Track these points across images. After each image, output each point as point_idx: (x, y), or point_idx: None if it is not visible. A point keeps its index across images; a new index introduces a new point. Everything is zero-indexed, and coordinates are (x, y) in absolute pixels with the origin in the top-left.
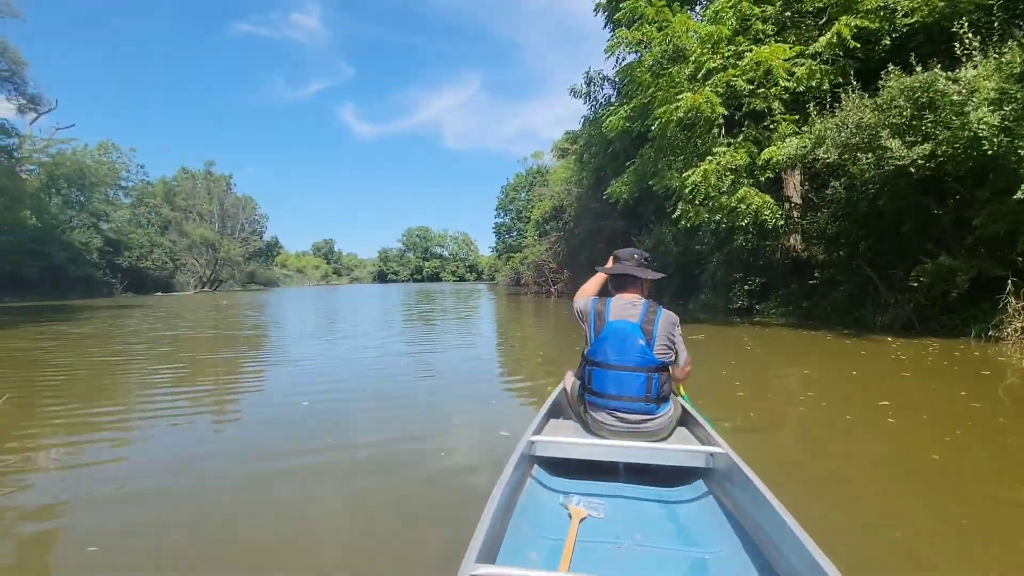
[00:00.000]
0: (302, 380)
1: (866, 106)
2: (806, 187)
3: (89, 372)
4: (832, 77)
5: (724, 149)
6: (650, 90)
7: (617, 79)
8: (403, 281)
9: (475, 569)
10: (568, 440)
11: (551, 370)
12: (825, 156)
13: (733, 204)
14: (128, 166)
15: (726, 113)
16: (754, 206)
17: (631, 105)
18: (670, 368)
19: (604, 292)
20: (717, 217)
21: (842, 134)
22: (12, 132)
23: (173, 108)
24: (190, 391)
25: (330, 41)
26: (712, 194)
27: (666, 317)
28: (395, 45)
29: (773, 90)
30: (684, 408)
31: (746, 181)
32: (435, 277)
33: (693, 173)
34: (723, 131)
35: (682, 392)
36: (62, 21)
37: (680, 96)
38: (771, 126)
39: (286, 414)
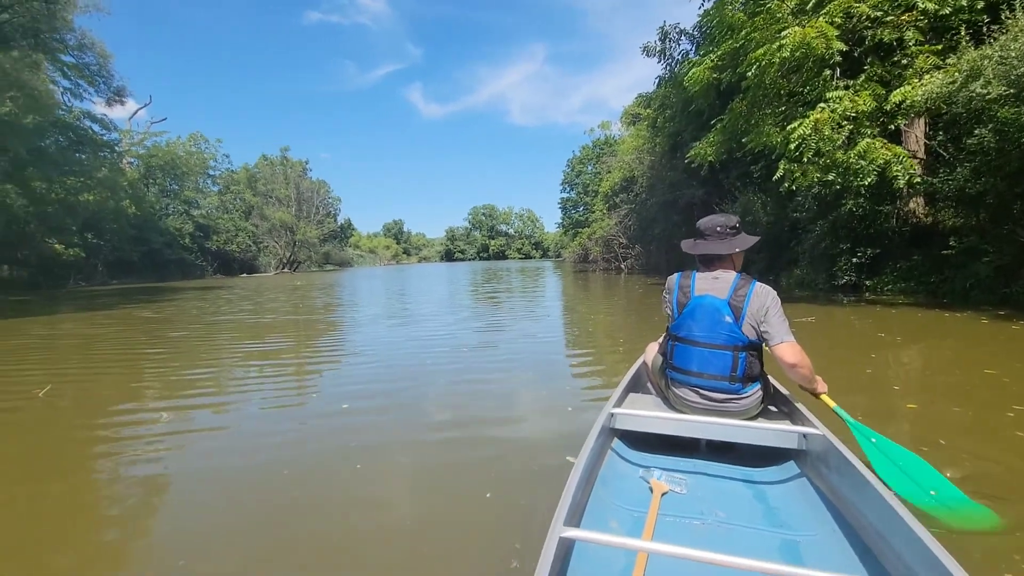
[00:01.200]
0: (375, 359)
1: None
2: (937, 139)
3: (187, 350)
4: None
5: (841, 93)
6: (743, 32)
7: (699, 28)
8: (470, 259)
9: (564, 531)
10: (649, 414)
11: (623, 349)
12: (984, 92)
13: (852, 160)
14: (215, 155)
15: (843, 49)
16: (880, 161)
17: (719, 52)
18: (776, 357)
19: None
20: (831, 176)
21: (1008, 63)
22: (113, 127)
23: (253, 98)
24: (274, 365)
25: (397, 24)
26: (826, 149)
27: (759, 292)
28: (460, 22)
29: (906, 16)
30: (775, 387)
31: (869, 131)
32: (501, 255)
33: (800, 125)
34: (837, 73)
35: (831, 404)
36: (152, 20)
37: (784, 33)
38: (904, 61)
39: (361, 391)
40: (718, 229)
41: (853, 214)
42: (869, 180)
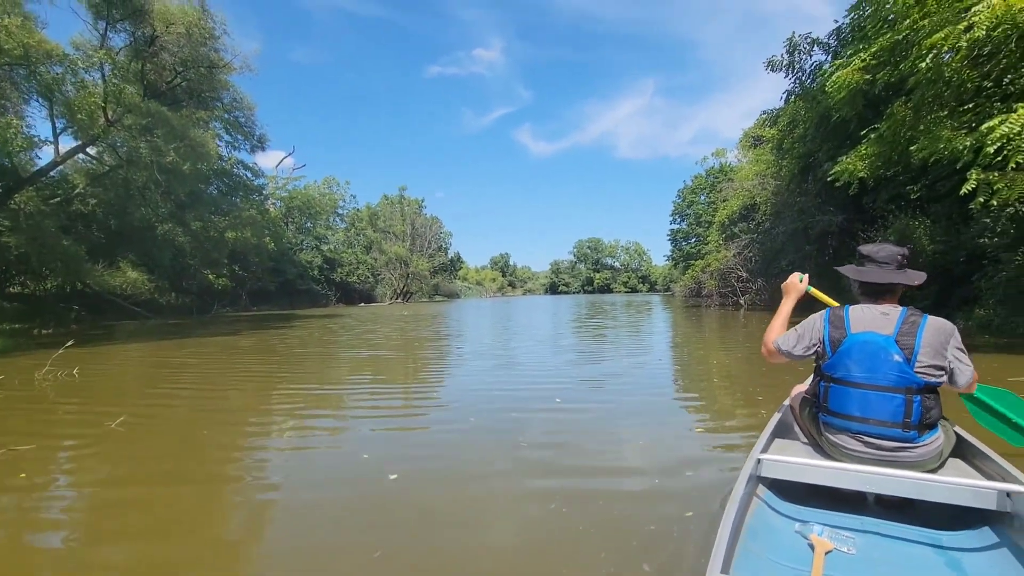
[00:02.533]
0: (478, 396)
1: None
2: None
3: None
4: None
5: None
6: (907, 21)
7: (836, 35)
8: (574, 292)
9: None
10: (805, 462)
11: (750, 394)
12: None
13: None
14: (343, 196)
15: None
16: None
17: (872, 50)
18: (955, 385)
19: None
20: None
21: None
22: (261, 173)
23: (381, 144)
24: (382, 396)
25: (509, 70)
26: None
27: (934, 327)
28: (569, 64)
29: None
30: (960, 436)
31: None
32: (606, 288)
33: (1004, 121)
34: None
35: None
36: (300, 80)
37: (974, 9)
38: None
39: (465, 429)
40: (899, 258)
41: None
42: None
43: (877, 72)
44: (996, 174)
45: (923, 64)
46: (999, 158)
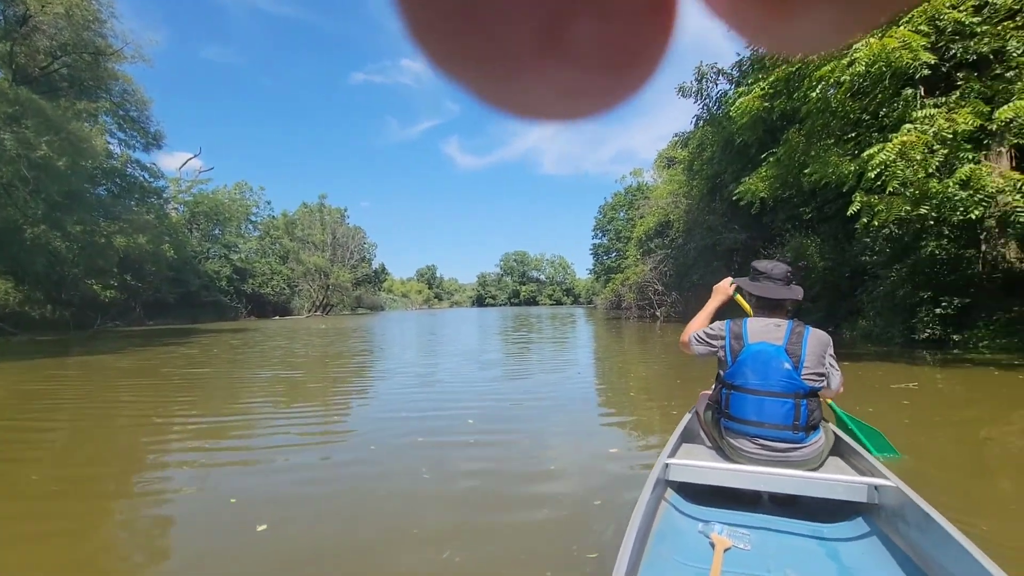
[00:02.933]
0: (400, 408)
1: None
2: None
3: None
4: None
5: (934, 111)
6: (799, 55)
7: (738, 67)
8: (501, 305)
9: None
10: (707, 465)
11: (663, 402)
12: None
13: (951, 190)
14: (257, 202)
15: (932, 61)
16: (991, 189)
17: (771, 78)
18: (821, 391)
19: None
20: (923, 210)
21: None
22: (160, 175)
23: (303, 151)
24: (272, 425)
25: (436, 83)
26: (916, 177)
27: (815, 337)
28: None
29: (1009, 23)
30: (838, 436)
31: (970, 155)
32: (532, 301)
33: (881, 150)
34: (921, 91)
35: (832, 404)
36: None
37: (856, 47)
38: (1008, 74)
39: (363, 460)
40: (788, 275)
41: (935, 258)
42: (976, 214)
43: (775, 100)
44: (876, 197)
45: (813, 94)
46: (879, 183)
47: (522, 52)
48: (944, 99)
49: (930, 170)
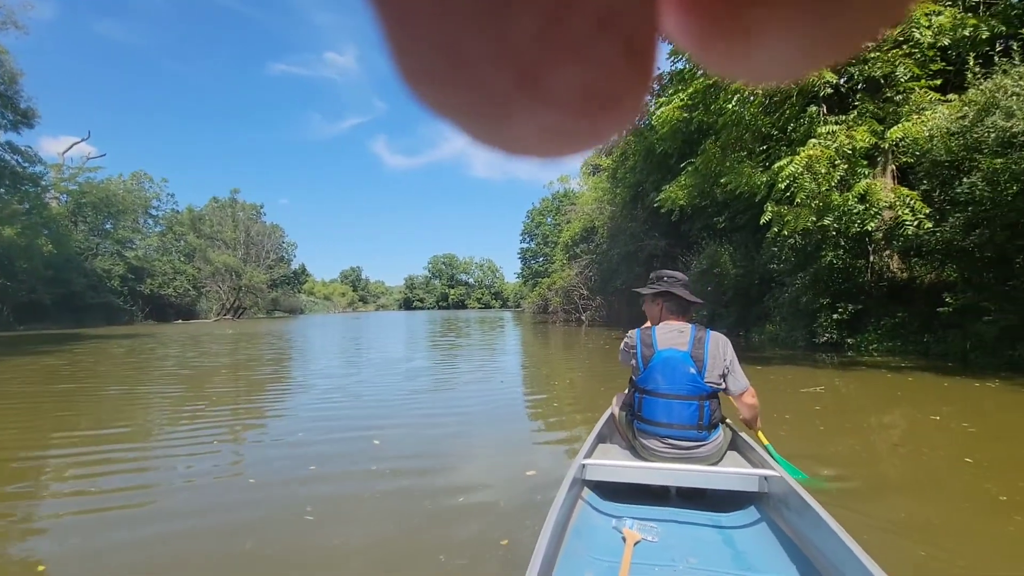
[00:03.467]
0: (297, 429)
1: None
2: (921, 187)
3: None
4: (992, 25)
5: (835, 128)
6: None
7: (658, 81)
8: (429, 308)
9: None
10: (619, 463)
11: (586, 404)
12: (1007, 126)
13: (850, 203)
14: (159, 195)
15: (834, 81)
16: (883, 203)
17: (690, 90)
18: (734, 400)
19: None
20: (827, 221)
21: None
22: (37, 159)
23: (218, 144)
24: (111, 464)
25: (363, 78)
26: (822, 188)
27: (715, 341)
28: None
29: (896, 50)
30: (735, 432)
31: (866, 171)
32: (460, 304)
33: (790, 162)
34: (824, 109)
35: (764, 441)
36: (117, 65)
37: None
38: (897, 97)
39: (271, 476)
40: (678, 280)
41: (833, 267)
42: (871, 225)
43: (693, 112)
44: (786, 208)
45: (729, 106)
46: (788, 194)
47: (509, 96)
48: (844, 117)
49: (833, 183)
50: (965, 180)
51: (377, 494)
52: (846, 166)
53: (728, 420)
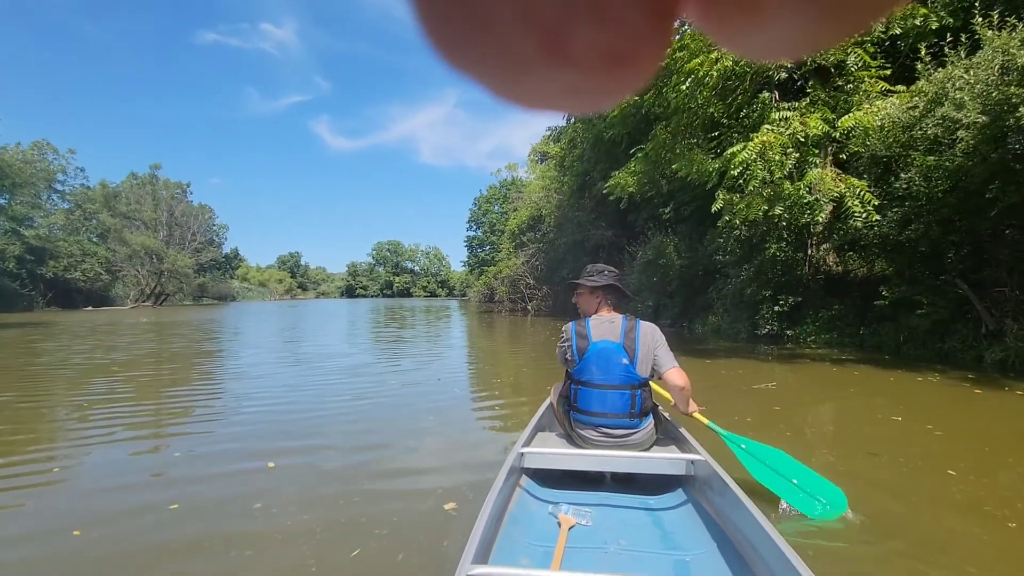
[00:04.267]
0: (260, 407)
1: None
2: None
3: None
4: (942, 16)
5: (789, 114)
6: (668, 50)
7: None
8: (372, 296)
9: (472, 569)
10: (556, 451)
11: (530, 394)
12: (956, 116)
13: (801, 193)
14: (64, 168)
15: (788, 65)
16: (834, 193)
17: None
18: (665, 380)
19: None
20: (778, 210)
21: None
22: None
23: (134, 115)
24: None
25: (304, 55)
26: (776, 176)
27: (645, 331)
28: (371, 62)
29: (848, 39)
30: (665, 418)
31: (817, 160)
32: (405, 292)
33: (743, 148)
34: (776, 96)
35: (705, 421)
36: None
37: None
38: (848, 86)
39: (245, 447)
40: (615, 274)
41: (776, 259)
42: (821, 216)
43: (645, 95)
44: (737, 196)
45: (683, 87)
46: (740, 181)
47: (531, 56)
48: (797, 104)
49: (785, 171)
50: (903, 176)
51: (332, 449)
52: (797, 155)
53: (659, 407)
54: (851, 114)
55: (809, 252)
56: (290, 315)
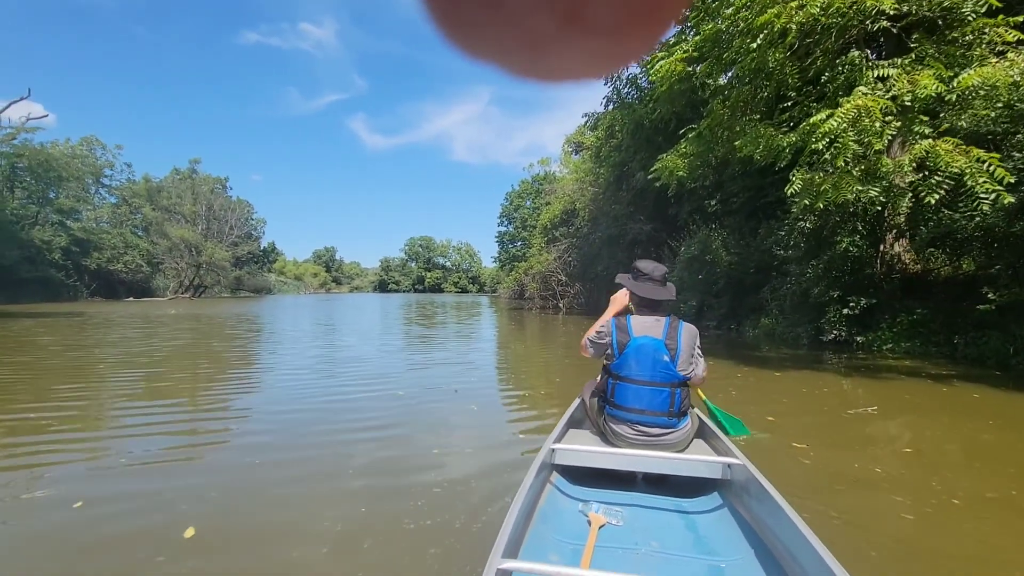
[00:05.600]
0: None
1: None
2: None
3: None
4: None
5: (891, 72)
6: (730, 9)
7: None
8: (404, 291)
9: (501, 563)
10: (588, 449)
11: (560, 394)
12: None
13: (905, 169)
14: (112, 164)
15: (891, 12)
16: (954, 169)
17: (699, 37)
18: (693, 382)
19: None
20: (874, 192)
21: None
22: None
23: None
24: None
25: (342, 54)
26: (874, 150)
27: (688, 331)
28: (406, 60)
29: None
30: (702, 420)
31: (926, 130)
32: (437, 288)
33: (830, 116)
34: (870, 55)
35: (703, 396)
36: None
37: None
38: (967, 38)
39: (276, 441)
40: (665, 275)
41: (848, 255)
42: (932, 199)
43: (700, 64)
44: (820, 175)
45: (754, 44)
46: (825, 157)
47: (546, 30)
48: (899, 60)
49: (884, 143)
50: (1015, 155)
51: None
52: (899, 124)
53: (696, 409)
54: (975, 70)
55: (883, 247)
56: (324, 308)
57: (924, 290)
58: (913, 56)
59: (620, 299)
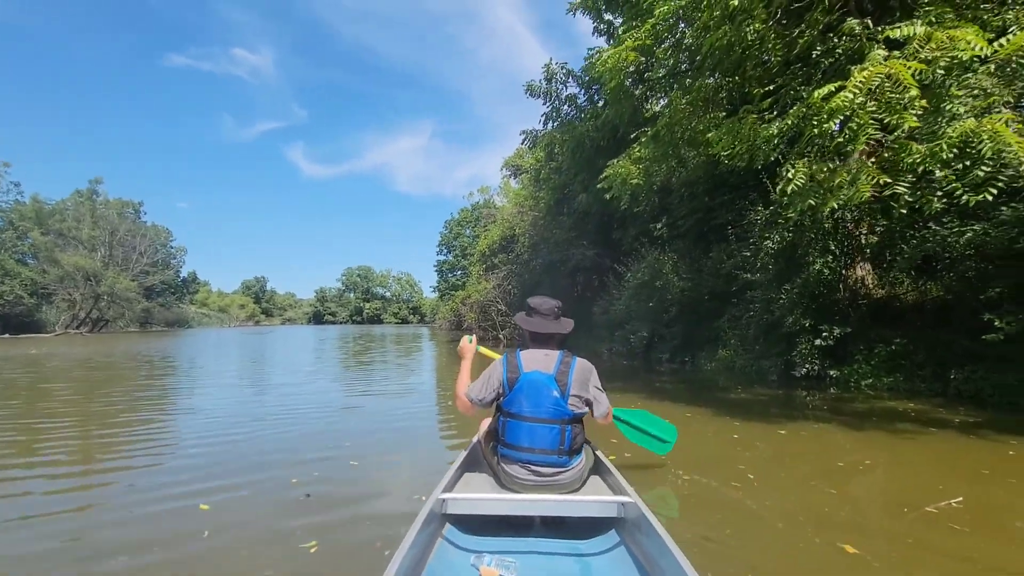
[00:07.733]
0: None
1: None
2: None
3: None
4: None
5: (919, 31)
6: None
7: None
8: (341, 322)
9: None
10: (480, 496)
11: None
12: None
13: (944, 155)
14: None
15: None
16: (1009, 153)
17: (653, 22)
18: (593, 416)
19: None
20: (901, 187)
21: None
22: None
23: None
24: None
25: (282, 83)
26: (904, 129)
27: (581, 367)
28: (348, 91)
29: None
30: (596, 457)
31: (957, 105)
32: (376, 319)
33: (839, 88)
34: (870, 21)
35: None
36: None
37: None
38: None
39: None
40: (556, 310)
41: (821, 278)
42: (989, 195)
43: (655, 50)
44: (827, 168)
45: (733, 2)
46: (837, 142)
47: None
48: (912, 23)
49: (915, 121)
50: None
51: None
52: (924, 102)
53: (591, 445)
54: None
55: (847, 270)
56: (247, 344)
57: (892, 317)
58: (932, 14)
59: (466, 348)
